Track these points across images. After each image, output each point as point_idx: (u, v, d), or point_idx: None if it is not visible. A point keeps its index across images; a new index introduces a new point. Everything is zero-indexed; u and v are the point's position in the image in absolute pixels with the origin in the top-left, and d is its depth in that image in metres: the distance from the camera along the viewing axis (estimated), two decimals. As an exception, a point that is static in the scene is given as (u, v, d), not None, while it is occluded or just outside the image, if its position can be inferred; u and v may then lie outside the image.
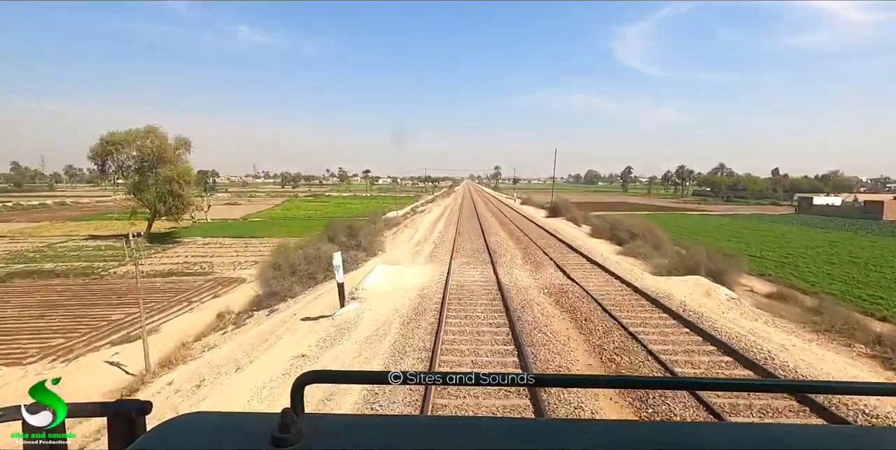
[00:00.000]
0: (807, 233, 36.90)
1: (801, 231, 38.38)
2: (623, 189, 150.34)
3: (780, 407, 5.33)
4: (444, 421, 0.90)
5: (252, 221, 54.06)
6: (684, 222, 45.88)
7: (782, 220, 50.46)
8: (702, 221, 47.25)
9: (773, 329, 8.50)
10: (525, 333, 7.87)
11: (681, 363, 6.68)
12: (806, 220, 49.48)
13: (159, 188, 33.15)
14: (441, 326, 8.08)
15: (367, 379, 0.85)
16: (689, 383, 0.80)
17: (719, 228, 39.37)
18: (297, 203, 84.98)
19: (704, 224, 43.94)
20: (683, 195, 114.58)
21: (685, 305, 9.69)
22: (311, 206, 77.44)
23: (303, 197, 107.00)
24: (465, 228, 25.43)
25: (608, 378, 1.04)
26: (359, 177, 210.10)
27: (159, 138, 34.24)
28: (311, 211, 68.72)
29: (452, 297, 10.33)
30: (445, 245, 18.71)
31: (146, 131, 34.09)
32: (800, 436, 0.75)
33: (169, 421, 0.70)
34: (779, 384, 2.01)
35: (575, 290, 10.95)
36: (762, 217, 53.72)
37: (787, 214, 60.00)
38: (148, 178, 33.82)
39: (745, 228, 39.72)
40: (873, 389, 0.87)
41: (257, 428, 0.64)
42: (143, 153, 33.59)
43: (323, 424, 0.68)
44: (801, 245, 29.40)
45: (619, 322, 8.33)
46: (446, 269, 13.31)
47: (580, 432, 0.70)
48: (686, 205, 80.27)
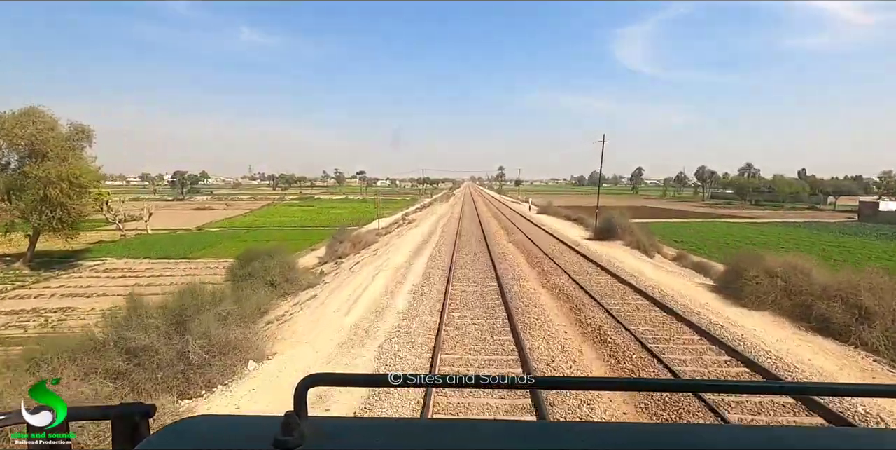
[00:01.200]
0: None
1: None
2: (634, 191, 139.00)
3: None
4: (446, 424, 0.88)
5: (207, 233, 44.29)
6: (743, 234, 36.06)
7: (858, 230, 40.38)
8: (764, 233, 37.21)
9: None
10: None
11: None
12: (888, 232, 39.18)
13: (31, 194, 23.33)
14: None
15: (369, 382, 0.85)
16: (693, 385, 0.80)
17: (810, 245, 29.17)
18: (277, 208, 75.40)
19: (777, 237, 33.94)
20: (703, 198, 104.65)
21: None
22: (290, 211, 67.81)
23: (289, 200, 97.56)
24: (466, 267, 15.15)
25: (610, 380, 1.05)
26: (357, 178, 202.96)
27: (43, 123, 24.46)
28: (288, 218, 59.08)
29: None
30: (423, 322, 9.04)
31: (22, 114, 24.32)
32: (800, 437, 0.75)
33: (172, 424, 0.70)
34: (783, 387, 1.93)
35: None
36: (825, 227, 43.75)
37: (848, 223, 50.01)
38: (25, 178, 23.99)
39: (842, 246, 29.61)
40: (884, 391, 0.82)
41: (260, 431, 0.63)
42: (12, 143, 23.78)
43: (325, 426, 0.68)
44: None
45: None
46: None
47: (580, 435, 0.70)
48: (716, 210, 70.36)
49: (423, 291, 11.69)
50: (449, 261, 15.98)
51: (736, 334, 8.21)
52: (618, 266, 15.03)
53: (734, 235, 35.00)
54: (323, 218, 57.62)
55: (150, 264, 27.51)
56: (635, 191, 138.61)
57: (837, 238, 34.06)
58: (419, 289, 12.01)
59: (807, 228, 41.29)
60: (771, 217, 55.83)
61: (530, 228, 30.07)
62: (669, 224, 43.97)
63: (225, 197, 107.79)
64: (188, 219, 53.52)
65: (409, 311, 9.92)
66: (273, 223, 52.69)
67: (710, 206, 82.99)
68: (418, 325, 8.87)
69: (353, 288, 12.55)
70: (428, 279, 13.20)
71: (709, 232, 37.96)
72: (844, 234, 37.60)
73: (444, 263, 15.91)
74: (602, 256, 17.28)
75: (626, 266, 15.22)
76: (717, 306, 10.32)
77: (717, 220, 51.82)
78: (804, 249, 21.40)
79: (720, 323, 8.89)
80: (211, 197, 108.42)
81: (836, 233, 38.15)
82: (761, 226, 44.54)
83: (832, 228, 43.04)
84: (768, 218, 54.43)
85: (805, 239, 33.03)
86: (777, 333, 8.43)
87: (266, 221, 54.72)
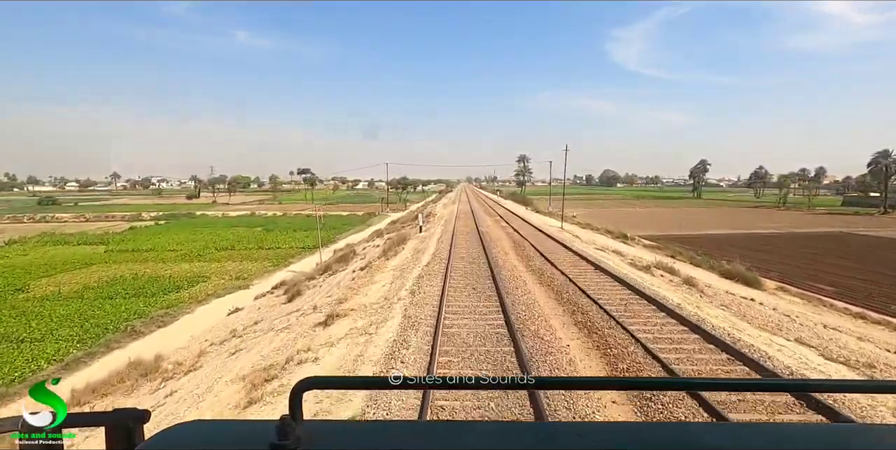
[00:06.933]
0: None
1: None
2: (695, 194, 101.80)
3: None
4: (443, 426, 0.86)
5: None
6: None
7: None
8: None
9: None
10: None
11: None
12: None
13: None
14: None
15: (367, 384, 0.83)
16: (693, 383, 0.83)
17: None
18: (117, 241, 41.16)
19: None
20: (782, 202, 71.74)
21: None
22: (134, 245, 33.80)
23: (184, 216, 63.04)
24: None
25: (610, 380, 1.40)
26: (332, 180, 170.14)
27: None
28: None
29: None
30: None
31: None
32: (801, 434, 0.75)
33: (167, 429, 0.69)
34: (783, 384, 1.78)
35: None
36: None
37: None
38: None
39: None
40: (884, 387, 0.82)
41: (255, 435, 0.63)
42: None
43: (321, 430, 0.67)
44: None
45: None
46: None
47: (579, 435, 0.69)
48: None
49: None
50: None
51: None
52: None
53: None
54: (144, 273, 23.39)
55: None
56: (697, 194, 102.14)
57: None
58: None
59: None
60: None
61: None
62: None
63: (102, 210, 73.19)
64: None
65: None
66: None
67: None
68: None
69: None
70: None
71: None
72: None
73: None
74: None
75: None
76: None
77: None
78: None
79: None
80: (67, 216, 73.86)
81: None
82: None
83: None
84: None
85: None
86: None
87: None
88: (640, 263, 14.90)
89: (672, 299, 9.41)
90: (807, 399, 4.82)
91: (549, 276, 11.81)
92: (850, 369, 6.22)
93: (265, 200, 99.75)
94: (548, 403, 4.78)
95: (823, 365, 6.27)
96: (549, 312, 8.51)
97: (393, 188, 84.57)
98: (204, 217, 62.66)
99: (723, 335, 7.09)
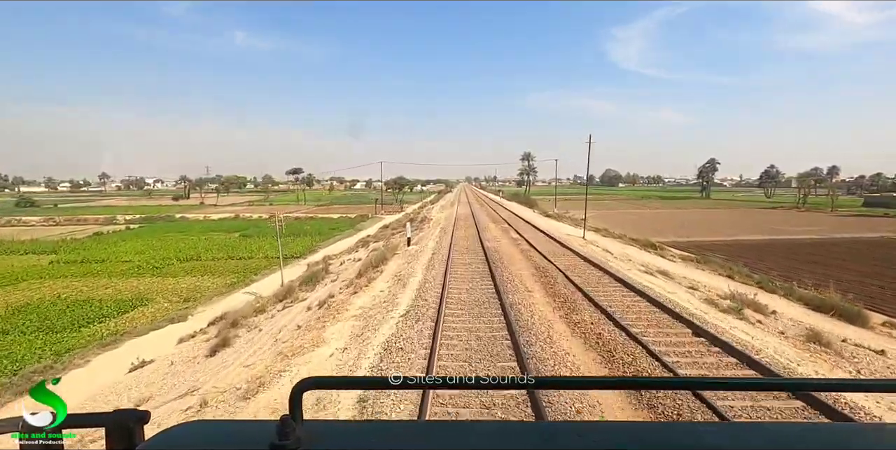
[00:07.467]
0: None
1: None
2: (703, 194, 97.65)
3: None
4: (443, 426, 0.87)
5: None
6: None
7: None
8: None
9: None
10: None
11: None
12: None
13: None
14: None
15: (367, 384, 0.81)
16: (693, 383, 0.79)
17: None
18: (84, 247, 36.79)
19: None
20: (833, 205, 66.93)
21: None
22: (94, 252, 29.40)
23: (161, 219, 58.53)
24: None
25: (610, 379, 1.05)
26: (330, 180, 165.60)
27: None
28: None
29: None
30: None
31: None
32: (801, 434, 0.74)
33: (167, 430, 0.69)
34: (783, 384, 1.77)
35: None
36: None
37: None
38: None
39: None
40: (884, 386, 0.81)
41: (256, 436, 0.63)
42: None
43: (321, 430, 0.68)
44: None
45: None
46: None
47: (578, 435, 0.69)
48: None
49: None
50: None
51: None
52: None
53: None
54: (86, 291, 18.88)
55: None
56: (705, 194, 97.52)
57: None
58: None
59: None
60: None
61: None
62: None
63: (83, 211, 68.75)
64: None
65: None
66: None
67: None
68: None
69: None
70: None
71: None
72: None
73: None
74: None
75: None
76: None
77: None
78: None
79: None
80: (41, 218, 69.62)
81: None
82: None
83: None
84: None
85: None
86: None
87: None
88: (716, 299, 10.37)
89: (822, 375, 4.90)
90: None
91: (613, 345, 7.00)
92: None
93: (255, 202, 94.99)
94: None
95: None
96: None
97: (389, 189, 79.71)
98: (183, 221, 57.98)
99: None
